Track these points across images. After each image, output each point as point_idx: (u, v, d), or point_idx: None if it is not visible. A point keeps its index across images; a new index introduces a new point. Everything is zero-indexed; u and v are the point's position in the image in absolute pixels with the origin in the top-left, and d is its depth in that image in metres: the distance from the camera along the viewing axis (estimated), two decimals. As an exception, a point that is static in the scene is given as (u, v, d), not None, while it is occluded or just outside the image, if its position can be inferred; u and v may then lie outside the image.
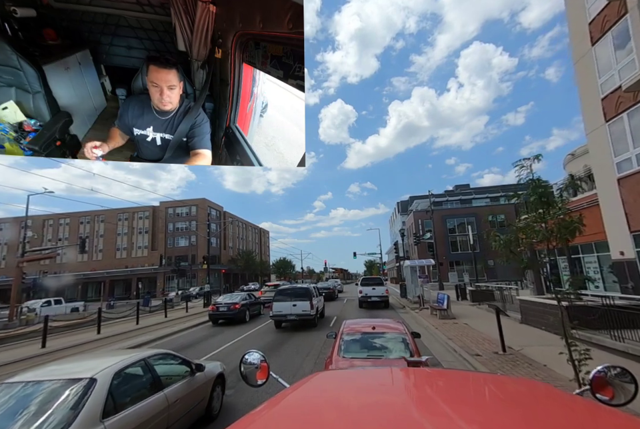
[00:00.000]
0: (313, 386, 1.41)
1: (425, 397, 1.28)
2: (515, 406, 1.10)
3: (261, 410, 1.13)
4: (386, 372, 1.75)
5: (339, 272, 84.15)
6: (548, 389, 1.23)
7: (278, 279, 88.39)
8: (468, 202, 49.50)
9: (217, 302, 14.59)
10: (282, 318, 11.78)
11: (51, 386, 2.72)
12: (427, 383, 1.46)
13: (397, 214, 73.54)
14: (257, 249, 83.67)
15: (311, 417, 1.04)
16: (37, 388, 2.71)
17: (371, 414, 1.00)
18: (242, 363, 1.85)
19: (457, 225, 43.52)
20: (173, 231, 56.83)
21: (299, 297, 11.99)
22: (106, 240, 57.70)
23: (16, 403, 2.61)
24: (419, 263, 18.73)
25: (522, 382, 1.45)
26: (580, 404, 1.07)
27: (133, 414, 2.91)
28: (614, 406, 1.23)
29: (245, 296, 15.50)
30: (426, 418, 0.98)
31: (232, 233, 68.04)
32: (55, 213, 52.77)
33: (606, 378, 1.33)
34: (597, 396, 1.30)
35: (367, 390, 1.33)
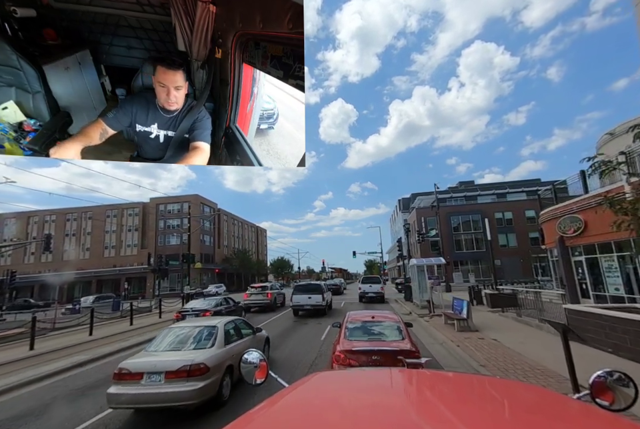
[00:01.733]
0: (311, 386, 1.47)
1: (423, 398, 1.33)
2: (514, 408, 1.15)
3: (259, 410, 1.17)
4: (385, 373, 1.82)
5: (339, 271, 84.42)
6: (546, 393, 1.29)
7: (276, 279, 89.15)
8: (473, 199, 49.45)
9: (184, 309, 13.20)
10: (299, 307, 16.44)
11: (199, 328, 5.99)
12: (426, 384, 1.51)
13: (398, 212, 73.71)
14: (254, 248, 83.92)
15: (309, 417, 1.08)
16: (200, 326, 6.05)
17: (370, 414, 1.05)
18: (241, 362, 1.90)
19: (462, 223, 43.43)
20: (164, 229, 56.86)
21: (313, 291, 16.53)
22: (94, 238, 57.74)
23: (183, 334, 5.86)
24: (427, 262, 16.90)
25: (520, 385, 1.53)
26: (579, 409, 1.11)
27: (234, 346, 6.10)
28: (614, 411, 1.27)
29: (220, 301, 14.30)
30: (424, 419, 1.02)
31: (227, 231, 68.17)
32: (40, 210, 52.73)
33: (606, 383, 1.36)
34: (596, 400, 1.33)
35: (365, 391, 1.40)
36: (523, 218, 41.71)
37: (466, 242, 43.23)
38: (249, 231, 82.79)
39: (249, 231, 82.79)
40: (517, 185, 52.34)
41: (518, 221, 41.91)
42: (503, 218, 43.00)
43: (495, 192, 50.00)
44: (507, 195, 48.85)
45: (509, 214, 42.75)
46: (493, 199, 48.22)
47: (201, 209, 57.65)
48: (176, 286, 50.75)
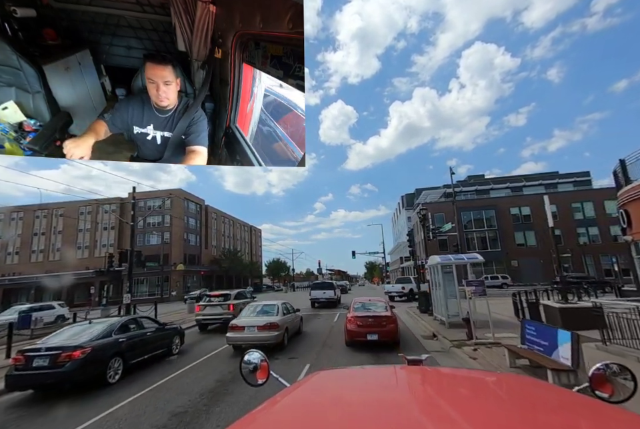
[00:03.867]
0: (313, 385, 1.60)
1: (425, 395, 1.45)
2: (516, 403, 1.26)
3: (262, 409, 1.28)
4: (386, 370, 2.00)
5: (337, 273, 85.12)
6: (547, 386, 1.44)
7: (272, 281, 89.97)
8: (485, 193, 49.72)
9: (31, 349, 7.47)
10: (316, 300, 24.32)
11: (274, 304, 11.51)
12: (427, 381, 1.66)
13: (401, 210, 74.03)
14: (247, 248, 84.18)
15: (311, 416, 1.18)
16: (269, 305, 11.56)
17: (372, 412, 1.13)
18: (242, 362, 2.01)
19: (473, 219, 43.44)
20: (144, 227, 56.87)
21: (327, 288, 24.77)
22: (65, 238, 57.69)
23: (259, 308, 11.38)
24: (456, 259, 12.85)
25: (522, 379, 1.64)
26: (579, 401, 1.21)
27: (287, 316, 11.38)
28: (613, 403, 1.39)
29: (113, 328, 8.48)
30: (427, 416, 1.11)
31: (215, 230, 68.30)
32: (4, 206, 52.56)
33: (605, 375, 1.48)
34: (596, 393, 1.46)
35: (367, 389, 1.53)
36: (543, 214, 41.57)
37: (478, 240, 43.24)
38: (241, 230, 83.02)
39: (241, 230, 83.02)
40: (534, 178, 52.68)
41: (537, 217, 41.55)
42: (519, 213, 42.80)
43: (510, 185, 50.26)
44: (523, 189, 49.17)
45: (527, 210, 42.61)
46: (507, 193, 48.48)
47: (185, 205, 57.72)
48: (155, 290, 50.78)
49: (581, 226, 41.24)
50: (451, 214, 37.08)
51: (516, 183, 50.85)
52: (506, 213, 42.63)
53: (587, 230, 41.22)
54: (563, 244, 39.64)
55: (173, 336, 10.74)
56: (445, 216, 38.97)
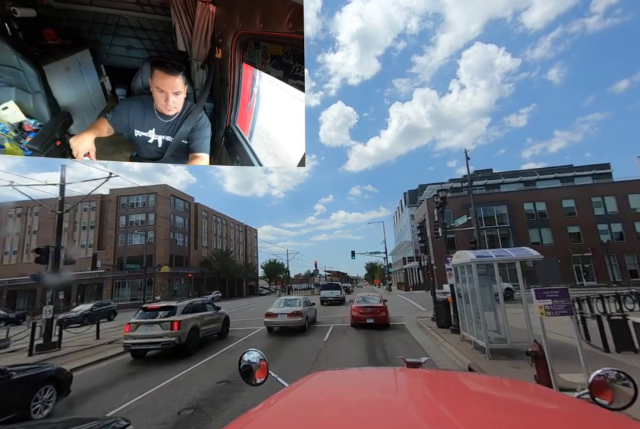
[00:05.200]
0: (311, 385, 1.70)
1: (423, 397, 1.54)
2: (515, 408, 1.33)
3: (260, 409, 1.36)
4: (385, 372, 2.16)
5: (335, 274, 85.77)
6: (547, 392, 1.52)
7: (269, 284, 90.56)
8: (495, 187, 49.95)
9: None
10: (325, 299, 30.85)
11: (296, 299, 17.12)
12: (426, 383, 1.76)
13: (404, 208, 74.26)
14: (242, 249, 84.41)
15: (309, 416, 1.25)
16: (292, 299, 17.20)
17: (370, 413, 1.20)
18: (241, 362, 2.15)
19: (484, 216, 42.86)
20: (126, 226, 56.93)
21: (333, 288, 31.79)
22: (40, 238, 57.65)
23: (288, 301, 16.93)
24: (497, 256, 9.39)
25: (521, 384, 1.70)
26: (579, 407, 1.26)
27: (307, 308, 16.89)
28: (613, 410, 1.45)
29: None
30: (424, 418, 1.17)
31: (206, 230, 68.39)
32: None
33: (605, 382, 1.55)
34: (596, 399, 1.52)
35: (365, 390, 1.64)
36: (560, 209, 41.07)
37: (488, 239, 42.86)
38: (235, 230, 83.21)
39: (235, 230, 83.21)
40: (549, 171, 52.94)
41: (554, 213, 41.22)
42: (534, 209, 42.27)
43: (522, 179, 50.40)
44: (537, 183, 49.45)
45: (542, 205, 42.05)
46: (519, 188, 48.66)
47: (171, 202, 57.78)
48: (138, 294, 50.31)
49: (602, 223, 40.52)
50: (457, 211, 37.26)
51: (529, 177, 50.97)
52: (519, 209, 42.24)
53: (609, 227, 40.39)
54: (582, 243, 39.75)
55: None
56: (453, 213, 38.79)
